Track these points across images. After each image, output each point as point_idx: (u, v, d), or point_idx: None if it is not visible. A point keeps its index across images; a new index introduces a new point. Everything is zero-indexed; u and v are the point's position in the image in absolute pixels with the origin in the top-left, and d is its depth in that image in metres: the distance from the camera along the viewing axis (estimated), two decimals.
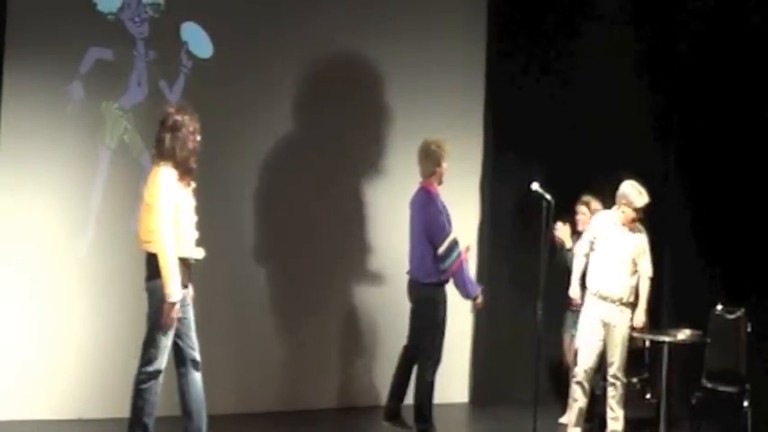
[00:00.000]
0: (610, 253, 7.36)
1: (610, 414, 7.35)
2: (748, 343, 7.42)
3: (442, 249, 7.07)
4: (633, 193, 7.30)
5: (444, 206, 7.20)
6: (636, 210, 7.30)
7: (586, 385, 7.35)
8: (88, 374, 7.42)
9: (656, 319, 8.05)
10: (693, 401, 7.48)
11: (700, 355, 7.58)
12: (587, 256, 7.45)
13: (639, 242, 7.42)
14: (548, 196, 7.13)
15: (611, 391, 7.33)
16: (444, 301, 7.17)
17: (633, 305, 7.37)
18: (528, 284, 7.67)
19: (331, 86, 8.03)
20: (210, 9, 7.76)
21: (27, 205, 7.30)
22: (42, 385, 7.33)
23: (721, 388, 7.42)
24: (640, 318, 7.35)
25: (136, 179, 7.47)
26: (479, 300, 7.31)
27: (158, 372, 5.86)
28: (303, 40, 8.02)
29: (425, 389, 7.16)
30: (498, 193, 8.67)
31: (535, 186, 7.19)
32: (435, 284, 7.13)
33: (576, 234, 7.82)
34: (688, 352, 7.55)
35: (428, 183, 7.24)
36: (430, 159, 7.24)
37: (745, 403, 7.32)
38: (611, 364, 7.33)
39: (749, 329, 7.43)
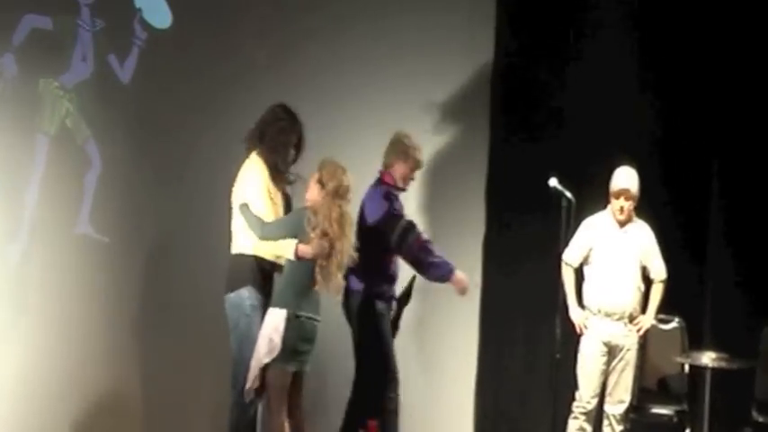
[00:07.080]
0: (609, 259, 6.97)
1: None
2: None
3: None
4: (613, 177, 6.95)
5: None
6: (617, 195, 6.88)
7: (587, 426, 6.90)
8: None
9: (696, 340, 7.72)
10: None
11: (748, 382, 7.31)
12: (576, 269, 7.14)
13: (643, 239, 7.00)
14: (568, 194, 6.93)
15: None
16: None
17: None
18: (544, 298, 7.36)
19: (310, 59, 7.68)
20: None
21: None
22: None
23: None
24: (647, 321, 6.96)
25: (79, 171, 7.17)
26: None
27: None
28: (277, 7, 7.70)
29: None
30: (508, 191, 8.26)
31: (553, 183, 6.99)
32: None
33: None
34: (734, 379, 7.18)
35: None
36: None
37: None
38: (611, 395, 6.92)
39: None
